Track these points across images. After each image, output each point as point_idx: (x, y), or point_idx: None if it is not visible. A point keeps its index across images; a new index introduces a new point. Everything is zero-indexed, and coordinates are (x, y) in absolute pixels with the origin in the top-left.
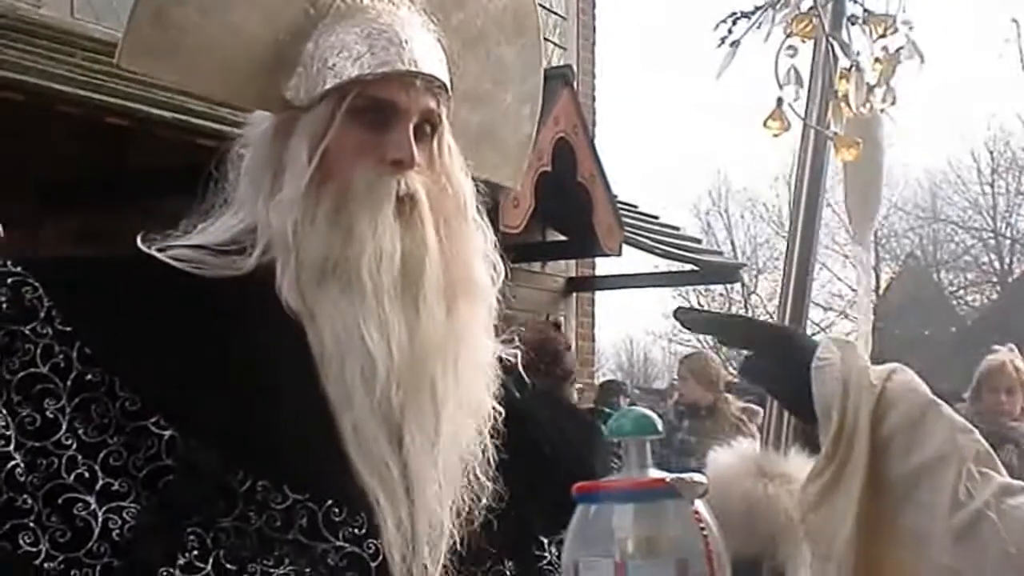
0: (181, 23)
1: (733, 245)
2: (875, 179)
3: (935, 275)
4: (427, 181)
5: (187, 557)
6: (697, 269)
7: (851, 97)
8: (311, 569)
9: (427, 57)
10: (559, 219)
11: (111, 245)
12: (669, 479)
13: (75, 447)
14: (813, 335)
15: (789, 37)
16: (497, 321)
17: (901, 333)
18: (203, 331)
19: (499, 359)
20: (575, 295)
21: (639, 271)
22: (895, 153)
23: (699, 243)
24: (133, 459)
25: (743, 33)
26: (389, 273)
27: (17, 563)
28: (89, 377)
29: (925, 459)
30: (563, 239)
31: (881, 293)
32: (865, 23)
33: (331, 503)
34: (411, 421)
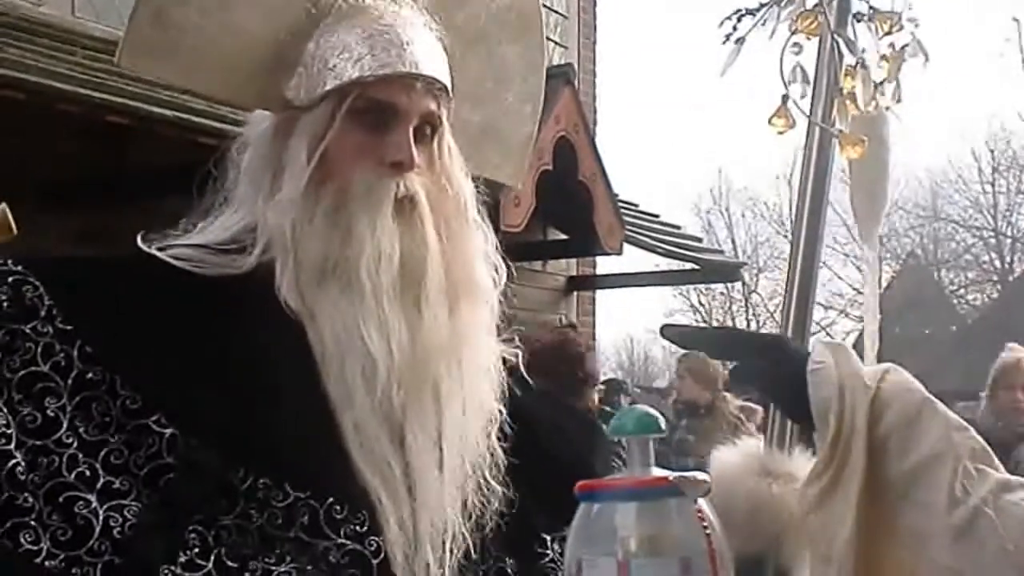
0: (182, 23)
1: (734, 244)
2: (881, 177)
3: (936, 274)
4: (427, 182)
5: (188, 555)
6: (698, 268)
7: (858, 95)
8: (312, 567)
9: (428, 59)
10: (560, 218)
11: (112, 244)
12: (672, 478)
13: (76, 445)
14: (814, 334)
15: (794, 34)
16: (499, 321)
17: (902, 332)
18: (204, 329)
19: (502, 360)
20: (576, 294)
21: (640, 270)
22: (896, 152)
23: (700, 242)
24: (134, 457)
25: (748, 30)
26: (388, 274)
27: (18, 561)
28: (90, 376)
29: (921, 458)
30: (564, 238)
31: (881, 292)
32: (870, 20)
33: (332, 501)
34: (413, 421)
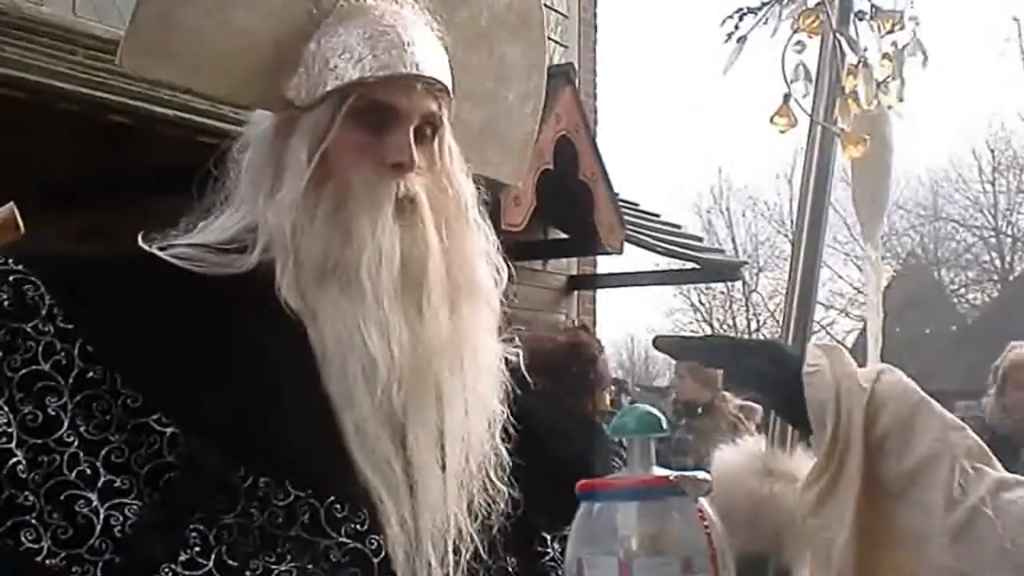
0: (184, 24)
1: (734, 243)
2: (883, 176)
3: (936, 273)
4: (427, 183)
5: (189, 554)
6: (698, 267)
7: (860, 93)
8: (313, 565)
9: (429, 59)
10: (561, 217)
11: (112, 243)
12: (673, 477)
13: (77, 444)
14: (815, 333)
15: (796, 33)
16: (500, 321)
17: (902, 332)
18: (204, 329)
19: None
20: (576, 293)
21: (640, 269)
22: (897, 151)
23: (700, 241)
24: (135, 456)
25: (750, 29)
26: (389, 274)
27: (19, 560)
28: (91, 374)
29: (918, 458)
30: (565, 237)
31: (882, 292)
32: (873, 19)
33: (333, 500)
34: (414, 420)
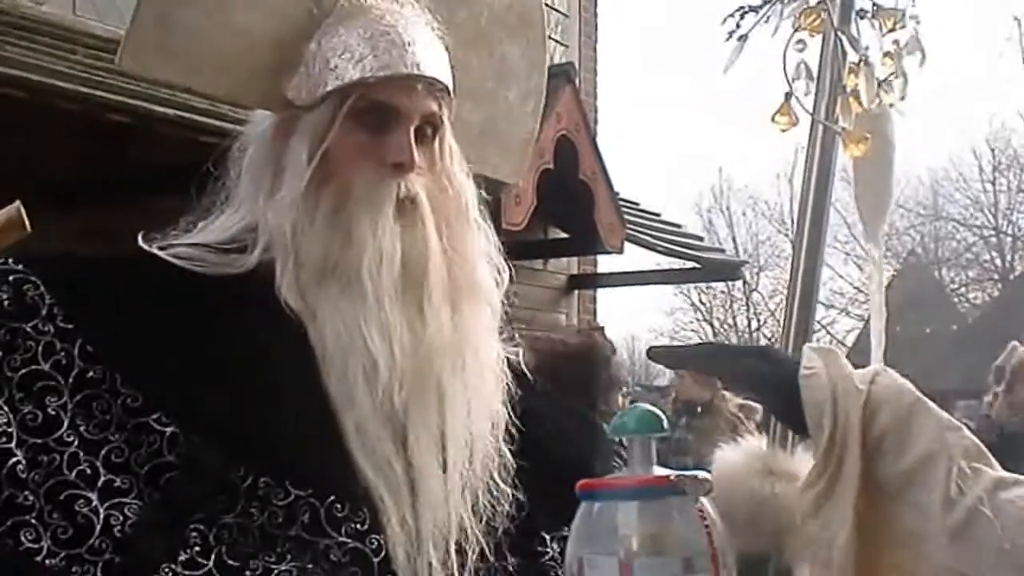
0: (185, 25)
1: (735, 242)
2: (886, 175)
3: (936, 273)
4: (428, 183)
5: (189, 553)
6: (699, 266)
7: (861, 92)
8: (313, 565)
9: (430, 59)
10: (561, 216)
11: (112, 242)
12: (674, 477)
13: (77, 444)
14: (815, 332)
15: (797, 31)
16: (501, 320)
17: (902, 331)
18: (204, 328)
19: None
20: (577, 292)
21: (641, 268)
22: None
23: (701, 240)
24: (135, 456)
25: (751, 27)
26: (390, 274)
27: (19, 560)
28: (91, 374)
29: (915, 458)
30: (565, 236)
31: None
32: (874, 17)
33: (333, 499)
34: (415, 421)
